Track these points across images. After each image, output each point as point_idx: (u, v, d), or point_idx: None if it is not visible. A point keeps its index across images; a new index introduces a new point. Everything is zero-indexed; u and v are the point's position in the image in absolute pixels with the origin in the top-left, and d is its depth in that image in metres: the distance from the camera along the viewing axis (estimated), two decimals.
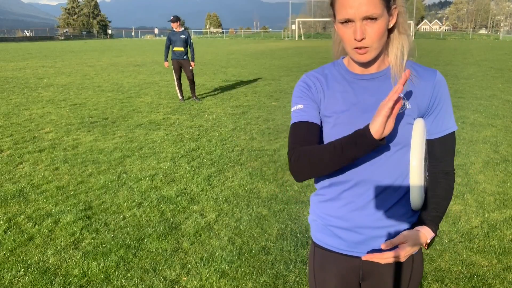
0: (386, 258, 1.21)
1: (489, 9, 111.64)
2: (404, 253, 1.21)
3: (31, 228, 3.55)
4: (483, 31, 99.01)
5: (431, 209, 1.27)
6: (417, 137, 1.20)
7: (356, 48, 1.16)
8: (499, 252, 3.13)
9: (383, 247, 1.20)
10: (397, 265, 1.32)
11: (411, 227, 1.29)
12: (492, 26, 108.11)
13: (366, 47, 1.15)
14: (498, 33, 72.90)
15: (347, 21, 1.14)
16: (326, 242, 1.36)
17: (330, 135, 1.26)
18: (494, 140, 6.11)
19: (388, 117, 1.07)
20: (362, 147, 1.12)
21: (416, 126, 1.21)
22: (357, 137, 1.12)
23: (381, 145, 1.12)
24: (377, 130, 1.07)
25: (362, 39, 1.13)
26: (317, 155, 1.19)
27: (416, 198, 1.24)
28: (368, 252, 1.31)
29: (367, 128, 1.10)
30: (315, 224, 1.40)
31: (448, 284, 2.76)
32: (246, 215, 3.79)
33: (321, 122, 1.29)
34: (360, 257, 1.32)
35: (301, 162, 1.21)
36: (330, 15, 1.24)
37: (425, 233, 1.23)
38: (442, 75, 1.26)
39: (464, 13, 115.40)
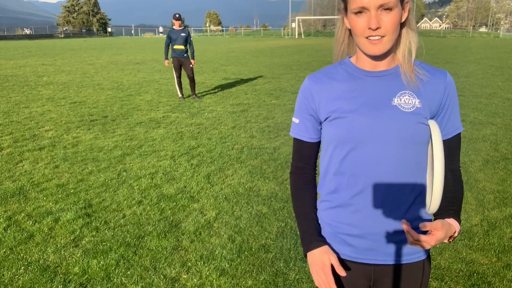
0: (418, 240, 1.11)
1: (489, 7, 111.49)
2: (435, 240, 1.11)
3: (31, 226, 3.55)
4: (483, 29, 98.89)
5: (451, 203, 1.23)
6: (437, 138, 1.16)
7: (370, 37, 1.13)
8: (498, 250, 3.14)
9: (421, 226, 1.10)
10: (409, 271, 1.29)
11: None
12: (492, 24, 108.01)
13: (381, 37, 1.13)
14: (498, 31, 72.81)
15: (361, 10, 1.12)
16: (335, 251, 1.32)
17: (342, 133, 1.23)
18: (494, 138, 6.11)
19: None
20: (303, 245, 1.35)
21: (434, 127, 1.17)
22: (304, 240, 1.34)
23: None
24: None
25: (377, 28, 1.11)
26: (294, 203, 1.41)
27: (437, 200, 1.14)
28: (379, 258, 1.28)
29: (308, 248, 1.31)
30: (323, 232, 1.36)
31: (448, 282, 2.77)
32: (246, 213, 3.79)
33: (331, 122, 1.26)
34: (371, 264, 1.28)
35: (291, 193, 1.43)
36: (339, 10, 1.22)
37: (454, 225, 1.19)
38: (451, 76, 1.25)
39: (464, 11, 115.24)
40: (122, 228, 3.53)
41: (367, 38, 1.14)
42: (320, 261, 1.25)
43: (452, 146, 1.27)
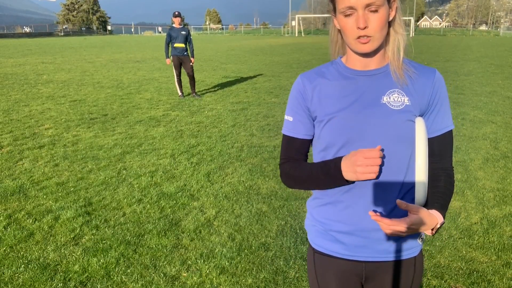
0: (391, 226, 1.12)
1: (489, 5, 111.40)
2: (410, 223, 1.12)
3: (31, 225, 3.56)
4: (483, 28, 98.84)
5: (437, 198, 1.24)
6: (421, 135, 1.19)
7: (359, 37, 1.15)
8: (498, 249, 3.14)
9: (398, 202, 1.13)
10: (400, 268, 1.30)
11: None
12: (493, 23, 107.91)
13: (368, 36, 1.14)
14: (498, 30, 72.80)
15: (349, 9, 1.13)
16: (327, 248, 1.33)
17: (332, 132, 1.24)
18: (494, 136, 6.11)
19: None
20: (334, 184, 1.24)
21: (418, 124, 1.20)
22: (331, 176, 1.22)
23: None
24: (350, 178, 1.17)
25: (365, 27, 1.13)
26: (299, 178, 1.31)
27: (421, 196, 1.22)
28: (370, 255, 1.29)
29: (339, 171, 1.19)
30: (314, 229, 1.37)
31: (448, 280, 2.77)
32: (246, 212, 3.79)
33: (322, 122, 1.27)
34: (362, 261, 1.29)
35: (288, 182, 1.37)
36: (329, 11, 1.24)
37: (436, 216, 1.19)
38: (440, 73, 1.27)
39: (464, 9, 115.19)
40: (122, 226, 3.53)
41: (356, 38, 1.16)
42: (352, 154, 1.16)
43: (442, 144, 1.27)
